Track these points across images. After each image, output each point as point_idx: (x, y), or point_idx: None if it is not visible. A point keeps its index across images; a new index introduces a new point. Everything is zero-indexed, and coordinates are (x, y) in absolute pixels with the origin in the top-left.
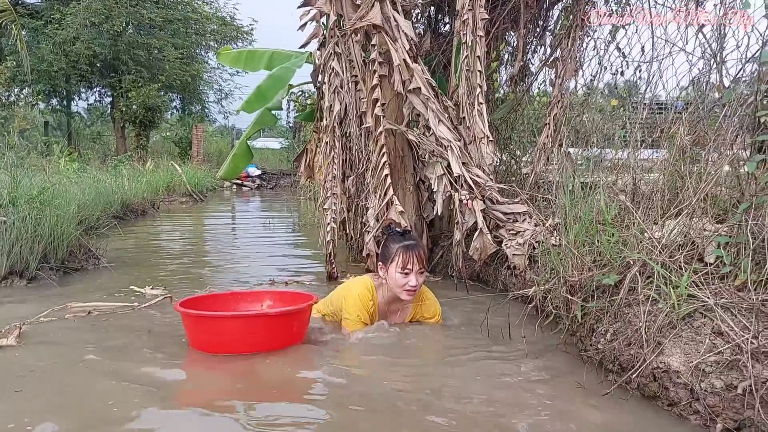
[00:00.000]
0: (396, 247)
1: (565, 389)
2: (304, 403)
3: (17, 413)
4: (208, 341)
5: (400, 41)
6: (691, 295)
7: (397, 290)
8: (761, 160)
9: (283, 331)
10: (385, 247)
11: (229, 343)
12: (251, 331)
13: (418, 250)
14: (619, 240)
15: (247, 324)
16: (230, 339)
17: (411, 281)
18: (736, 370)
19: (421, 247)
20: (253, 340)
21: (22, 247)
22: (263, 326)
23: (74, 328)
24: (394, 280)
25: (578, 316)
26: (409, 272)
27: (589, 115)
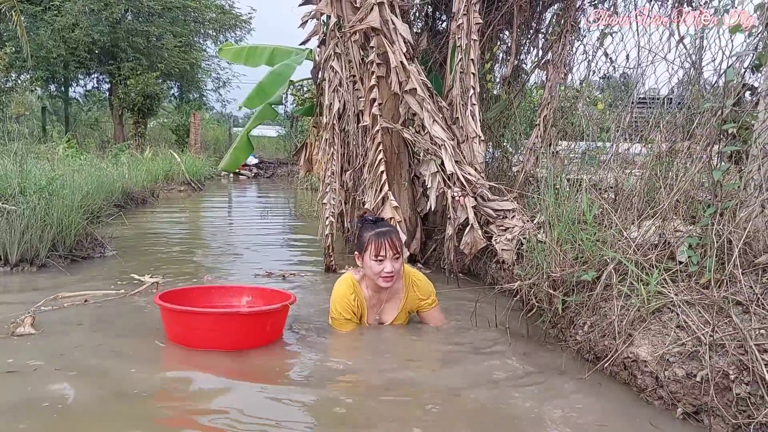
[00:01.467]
0: (368, 235)
1: (546, 376)
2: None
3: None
4: (180, 334)
5: (397, 44)
6: (660, 292)
7: (375, 278)
8: (727, 169)
9: (256, 330)
10: (359, 236)
11: (200, 339)
12: (222, 328)
13: (390, 236)
14: (598, 239)
15: (217, 321)
16: (201, 335)
17: (386, 267)
18: (696, 360)
19: (394, 232)
20: (224, 337)
21: (32, 236)
22: (235, 324)
23: (78, 314)
24: (370, 269)
25: (559, 309)
26: (383, 259)
27: (575, 119)
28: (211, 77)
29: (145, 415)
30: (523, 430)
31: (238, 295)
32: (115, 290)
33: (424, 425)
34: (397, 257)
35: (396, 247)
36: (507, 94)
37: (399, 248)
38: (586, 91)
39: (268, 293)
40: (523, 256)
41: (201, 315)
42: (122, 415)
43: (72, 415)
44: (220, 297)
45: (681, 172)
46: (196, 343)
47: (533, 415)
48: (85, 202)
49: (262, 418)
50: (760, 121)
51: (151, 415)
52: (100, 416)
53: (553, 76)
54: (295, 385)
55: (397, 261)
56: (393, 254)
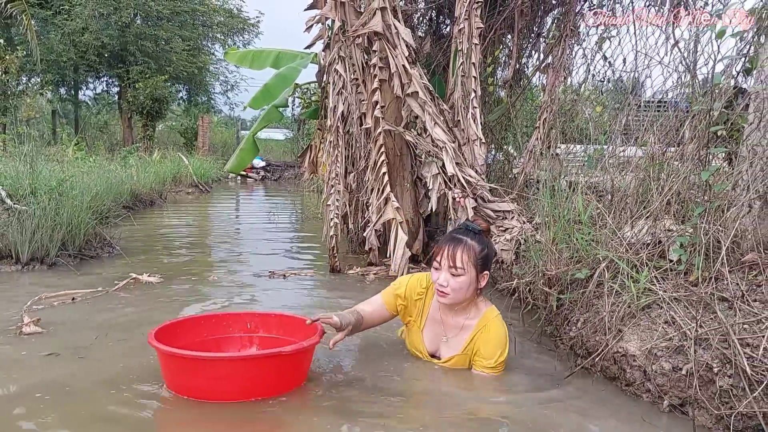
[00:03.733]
0: (443, 237)
1: (541, 370)
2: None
3: (93, 372)
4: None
5: (399, 48)
6: (650, 289)
7: (434, 288)
8: (716, 170)
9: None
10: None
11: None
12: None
13: (456, 246)
14: (593, 238)
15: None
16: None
17: (440, 278)
18: (682, 354)
19: (465, 245)
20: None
21: (42, 235)
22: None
23: (75, 312)
24: (431, 275)
25: (554, 306)
26: (438, 267)
27: (576, 122)
28: (219, 80)
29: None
30: (516, 419)
31: (235, 323)
32: (95, 289)
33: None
34: (456, 273)
35: (455, 260)
36: (508, 97)
37: (462, 264)
38: (588, 94)
39: (285, 321)
40: (522, 256)
41: (227, 361)
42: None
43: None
44: (223, 328)
45: (673, 174)
46: (212, 395)
47: (526, 409)
48: (94, 203)
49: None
50: (749, 122)
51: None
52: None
53: (553, 80)
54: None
55: (456, 279)
56: (449, 266)
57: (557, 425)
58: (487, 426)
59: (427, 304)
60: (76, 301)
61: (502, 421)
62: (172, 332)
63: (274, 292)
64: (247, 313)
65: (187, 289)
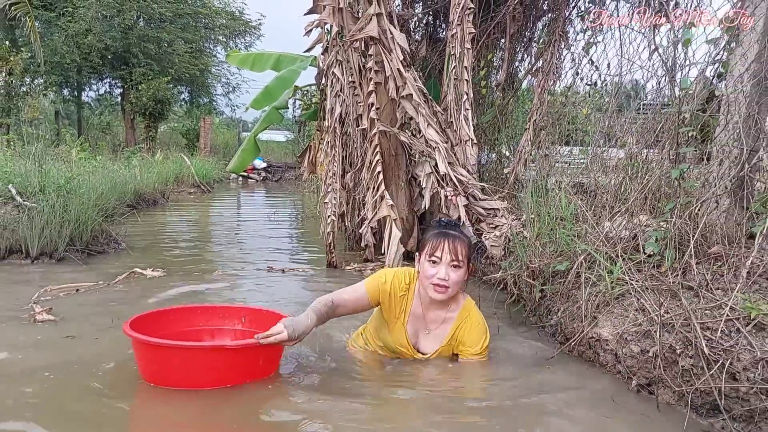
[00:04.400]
0: (430, 234)
1: (523, 356)
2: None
3: (109, 353)
4: (156, 372)
5: (395, 52)
6: (623, 280)
7: (425, 282)
8: (687, 168)
9: (245, 365)
10: (423, 235)
11: (177, 377)
12: (204, 365)
13: (454, 239)
14: (574, 234)
15: (198, 356)
16: (177, 373)
17: (440, 273)
18: (649, 338)
19: (462, 239)
20: (206, 374)
21: (51, 231)
22: (222, 360)
23: (81, 302)
24: (423, 270)
25: (536, 297)
26: (437, 261)
27: (564, 124)
28: (221, 82)
29: None
30: (500, 401)
31: (228, 317)
32: (95, 282)
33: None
34: (457, 266)
35: (457, 253)
36: (501, 100)
37: (462, 257)
38: (583, 97)
39: (263, 315)
40: (510, 251)
41: (177, 350)
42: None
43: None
44: (206, 319)
45: (648, 172)
46: (174, 382)
47: (510, 392)
48: (99, 201)
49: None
50: (721, 124)
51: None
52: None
53: (542, 83)
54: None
55: (456, 271)
56: (451, 260)
57: (537, 405)
58: (471, 407)
59: (410, 300)
60: (79, 291)
61: (487, 402)
62: (151, 323)
63: (272, 287)
64: (225, 307)
65: (189, 282)
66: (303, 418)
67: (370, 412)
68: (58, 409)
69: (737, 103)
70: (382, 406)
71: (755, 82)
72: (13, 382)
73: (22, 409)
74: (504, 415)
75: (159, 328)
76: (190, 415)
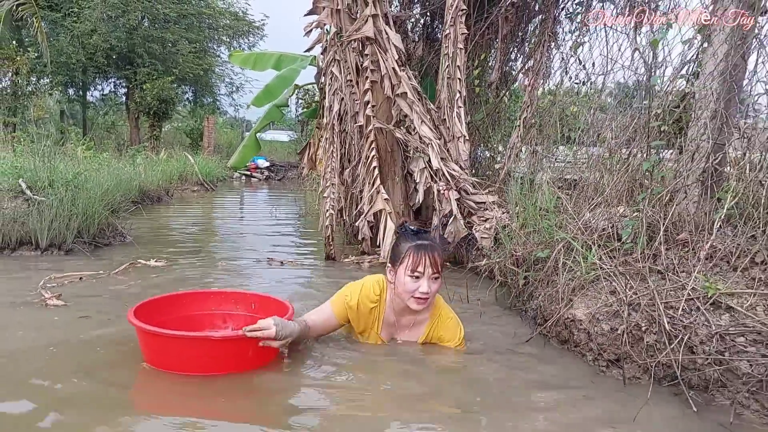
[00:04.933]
0: (407, 246)
1: (504, 338)
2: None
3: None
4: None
5: (390, 52)
6: (598, 265)
7: (405, 297)
8: (659, 161)
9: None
10: (395, 246)
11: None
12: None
13: (433, 251)
14: (555, 224)
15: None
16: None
17: (422, 287)
18: (619, 317)
19: (437, 248)
20: (208, 361)
21: (60, 224)
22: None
23: (90, 289)
24: (402, 285)
25: (520, 283)
26: (420, 276)
27: (552, 120)
28: (225, 82)
29: None
30: (486, 385)
31: (240, 302)
32: (96, 272)
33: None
34: (437, 277)
35: (437, 265)
36: (495, 98)
37: (441, 267)
38: (568, 95)
39: (271, 303)
40: (499, 242)
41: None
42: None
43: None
44: (218, 303)
45: (624, 165)
46: (168, 366)
47: (492, 370)
48: (105, 196)
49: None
50: (693, 119)
51: None
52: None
53: (532, 82)
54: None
55: (436, 282)
56: (433, 272)
57: (516, 380)
58: (453, 380)
59: (381, 310)
60: (83, 280)
61: (468, 376)
62: (153, 309)
63: (272, 277)
64: (234, 293)
65: (191, 271)
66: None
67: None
68: (69, 383)
69: (707, 99)
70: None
71: (721, 80)
72: (27, 358)
73: (30, 382)
74: (485, 388)
75: (173, 311)
76: (186, 393)
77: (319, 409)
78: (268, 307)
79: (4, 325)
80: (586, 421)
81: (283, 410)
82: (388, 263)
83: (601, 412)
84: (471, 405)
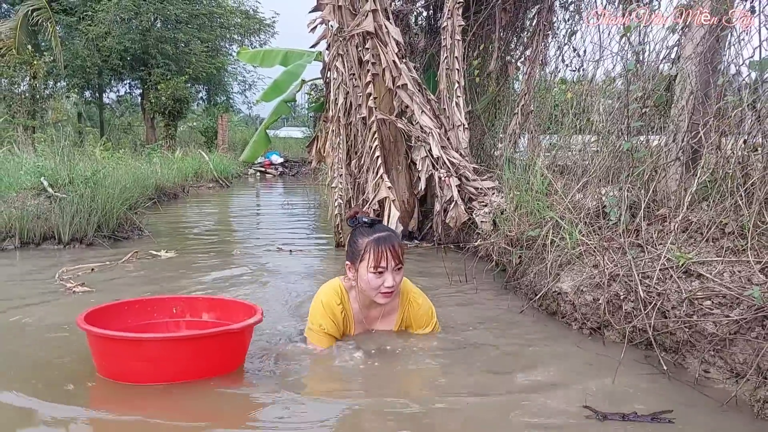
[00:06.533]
0: (365, 242)
1: (500, 308)
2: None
3: None
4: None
5: (390, 45)
6: (584, 241)
7: (371, 293)
8: (637, 143)
9: (203, 358)
10: (352, 242)
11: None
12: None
13: (392, 242)
14: (546, 205)
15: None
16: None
17: (387, 281)
18: (601, 288)
19: (396, 238)
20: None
21: (81, 219)
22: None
23: (111, 278)
24: (366, 282)
25: (513, 261)
26: (383, 270)
27: (548, 107)
28: (237, 80)
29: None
30: (484, 351)
31: (189, 309)
32: (103, 263)
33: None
34: (399, 268)
35: (399, 256)
36: (495, 87)
37: (402, 257)
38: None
39: (230, 306)
40: (497, 225)
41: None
42: None
43: None
44: (161, 312)
45: (609, 146)
46: (128, 377)
47: (492, 342)
48: (123, 193)
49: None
50: (674, 100)
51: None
52: None
53: (530, 71)
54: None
55: (399, 273)
56: (395, 265)
57: (511, 346)
58: (449, 348)
59: (349, 313)
60: (94, 271)
61: (464, 345)
62: (103, 317)
63: (286, 265)
64: (173, 298)
65: (205, 262)
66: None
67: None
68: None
69: (686, 82)
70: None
71: (697, 62)
72: (61, 335)
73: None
74: (485, 350)
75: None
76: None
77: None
78: (234, 311)
79: (45, 312)
80: (569, 374)
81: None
82: (347, 261)
83: (581, 372)
84: (471, 368)
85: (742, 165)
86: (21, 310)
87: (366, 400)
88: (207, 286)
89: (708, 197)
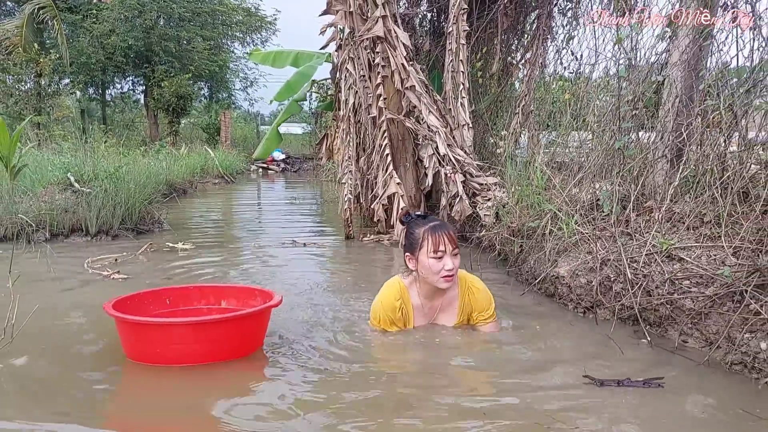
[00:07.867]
0: (421, 231)
1: (506, 292)
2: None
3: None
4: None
5: (399, 49)
6: (579, 231)
7: (434, 279)
8: (629, 141)
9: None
10: (409, 235)
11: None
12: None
13: (447, 228)
14: (545, 198)
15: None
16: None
17: (447, 264)
18: (594, 272)
19: (449, 225)
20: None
21: (106, 213)
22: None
23: (133, 268)
24: (427, 269)
25: (515, 250)
26: (442, 254)
27: (547, 107)
28: (239, 77)
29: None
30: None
31: (218, 296)
32: (120, 254)
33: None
34: (456, 252)
35: (455, 241)
36: (497, 88)
37: (456, 242)
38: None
39: (245, 293)
40: (500, 218)
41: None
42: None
43: None
44: (197, 299)
45: (603, 144)
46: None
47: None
48: (145, 189)
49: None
50: (663, 103)
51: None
52: None
53: (530, 72)
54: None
55: (457, 257)
56: (452, 249)
57: (516, 322)
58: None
59: (408, 307)
60: (118, 261)
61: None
62: (131, 305)
63: (298, 257)
64: (195, 287)
65: (220, 254)
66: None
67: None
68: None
69: (673, 85)
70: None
71: (682, 68)
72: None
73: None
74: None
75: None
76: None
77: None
78: (250, 297)
79: (91, 298)
80: (567, 348)
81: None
82: (406, 253)
83: (578, 344)
84: (474, 341)
85: (720, 161)
86: (64, 294)
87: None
88: (223, 275)
89: (690, 190)
